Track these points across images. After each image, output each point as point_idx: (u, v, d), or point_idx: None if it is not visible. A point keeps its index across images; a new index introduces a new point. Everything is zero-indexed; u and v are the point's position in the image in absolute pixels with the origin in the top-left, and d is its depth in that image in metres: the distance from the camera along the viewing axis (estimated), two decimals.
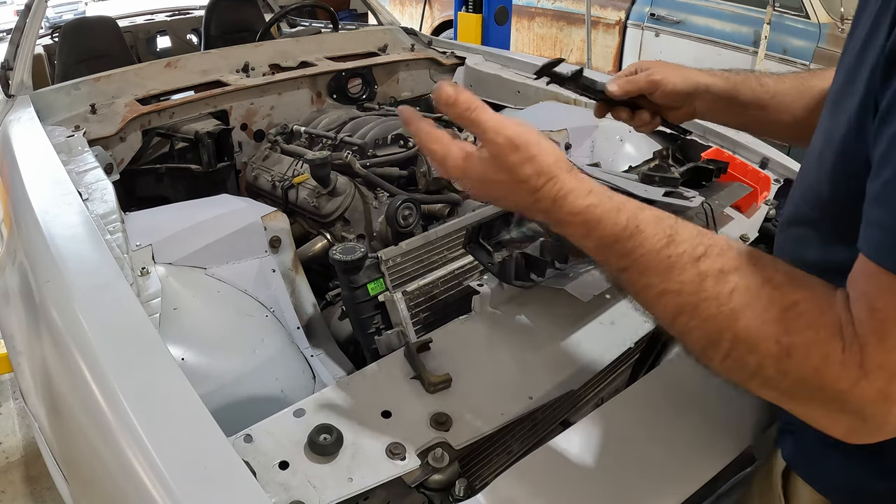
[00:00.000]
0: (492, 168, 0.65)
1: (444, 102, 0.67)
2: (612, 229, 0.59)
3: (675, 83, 0.95)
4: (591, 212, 0.60)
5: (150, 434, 0.80)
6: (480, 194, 0.70)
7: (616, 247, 0.59)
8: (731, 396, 1.05)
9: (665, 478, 0.91)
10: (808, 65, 3.85)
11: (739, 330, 0.52)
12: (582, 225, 0.61)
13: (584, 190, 0.62)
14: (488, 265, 1.15)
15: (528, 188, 0.63)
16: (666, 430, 0.98)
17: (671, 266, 0.55)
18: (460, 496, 0.87)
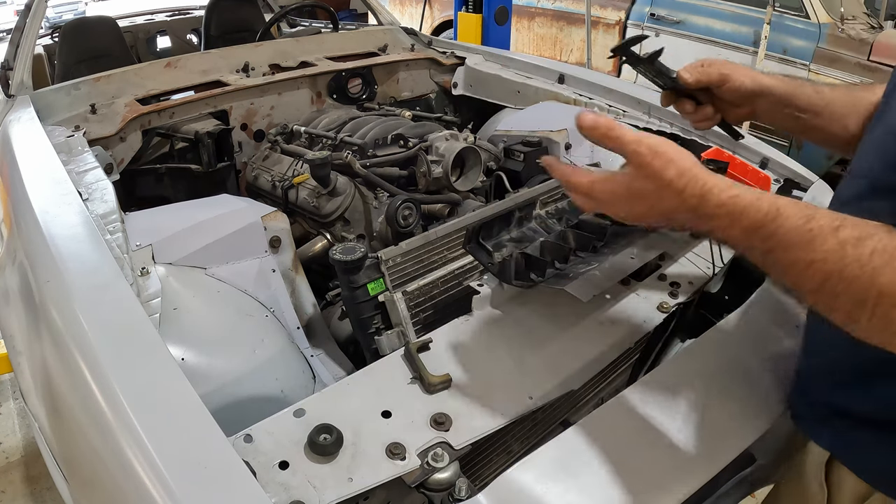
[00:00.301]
0: (637, 179, 0.71)
1: (587, 128, 0.73)
2: (755, 215, 0.65)
3: (743, 81, 0.97)
4: (736, 202, 0.66)
5: (150, 434, 0.80)
6: (627, 211, 0.74)
7: (761, 231, 0.64)
8: (732, 397, 1.06)
9: (665, 477, 0.92)
10: (808, 65, 3.85)
11: (882, 286, 0.57)
12: (727, 216, 0.66)
13: (726, 183, 0.68)
14: (488, 265, 1.15)
15: (674, 189, 0.68)
16: (666, 430, 0.98)
17: (813, 238, 0.61)
18: (461, 496, 0.87)
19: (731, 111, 1.04)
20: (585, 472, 0.90)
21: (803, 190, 1.63)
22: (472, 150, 1.86)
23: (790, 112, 0.99)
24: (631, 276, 1.28)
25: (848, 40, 3.72)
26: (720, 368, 1.10)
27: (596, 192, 0.75)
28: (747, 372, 1.11)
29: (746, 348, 1.15)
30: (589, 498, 0.87)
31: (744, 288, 1.33)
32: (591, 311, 1.20)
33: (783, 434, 1.17)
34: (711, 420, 1.01)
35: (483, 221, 1.20)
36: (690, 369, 1.09)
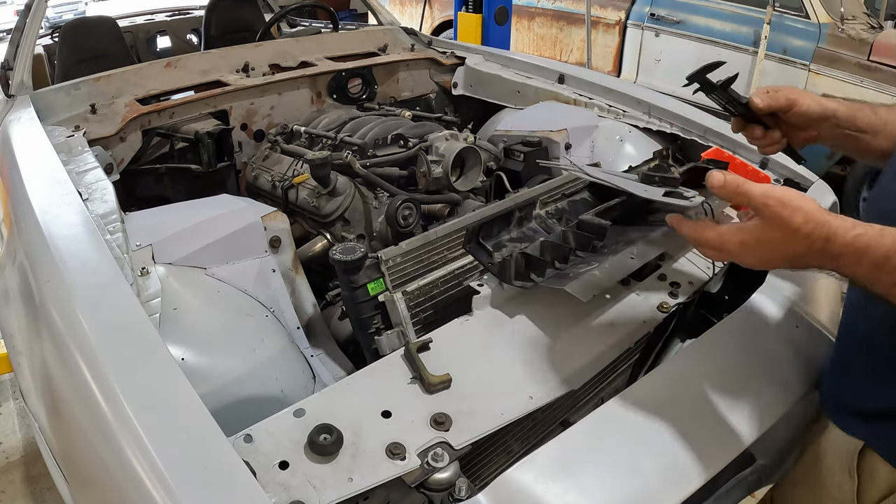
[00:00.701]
0: (766, 229, 0.76)
1: (716, 187, 0.80)
2: (880, 250, 0.70)
3: (810, 105, 1.02)
4: (860, 240, 0.71)
5: (150, 434, 0.80)
6: (757, 258, 0.80)
7: (888, 265, 0.70)
8: (732, 397, 1.06)
9: (665, 477, 0.92)
10: (808, 65, 3.85)
11: None
12: (854, 254, 0.72)
13: (849, 224, 0.73)
14: (488, 265, 1.15)
15: (801, 235, 0.74)
16: (665, 430, 0.98)
17: None
18: (461, 496, 0.87)
19: (796, 135, 1.07)
20: (585, 472, 0.90)
21: (803, 190, 1.63)
22: (472, 150, 1.86)
23: (851, 133, 1.02)
24: (631, 276, 1.28)
25: (848, 40, 3.72)
26: (720, 368, 1.10)
27: (726, 245, 0.80)
28: (747, 372, 1.11)
29: (746, 348, 1.15)
30: (589, 498, 0.87)
31: (744, 288, 1.33)
32: (591, 311, 1.20)
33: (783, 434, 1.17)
34: (711, 420, 1.01)
35: (483, 221, 1.20)
36: (690, 369, 1.09)
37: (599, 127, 2.04)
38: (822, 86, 3.80)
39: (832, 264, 0.74)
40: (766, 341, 1.18)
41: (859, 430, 0.93)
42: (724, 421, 1.01)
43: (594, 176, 1.17)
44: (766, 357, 1.14)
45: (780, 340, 1.18)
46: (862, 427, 0.92)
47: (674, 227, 0.88)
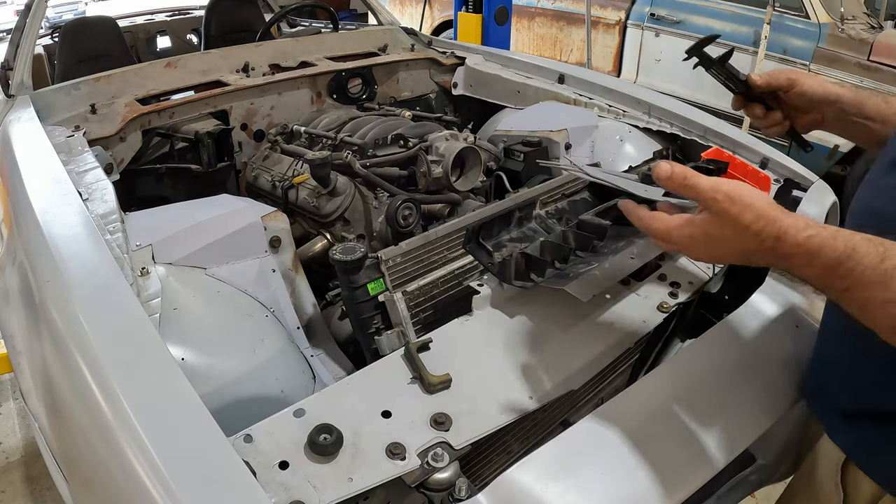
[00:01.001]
0: (716, 225, 0.73)
1: (663, 178, 0.78)
2: (832, 254, 0.66)
3: (812, 86, 1.01)
4: (812, 241, 0.68)
5: (150, 434, 0.80)
6: (706, 253, 0.77)
7: (838, 269, 0.66)
8: (732, 397, 1.06)
9: (665, 477, 0.91)
10: (808, 65, 3.85)
11: None
12: (805, 255, 0.69)
13: (802, 224, 0.70)
14: (488, 265, 1.15)
15: (751, 232, 0.71)
16: (665, 430, 0.98)
17: (889, 278, 0.63)
18: (461, 496, 0.87)
19: (799, 118, 1.06)
20: (585, 472, 0.90)
21: (803, 190, 1.63)
22: (472, 150, 1.86)
23: (859, 121, 0.99)
24: (631, 276, 1.28)
25: (848, 40, 3.72)
26: (720, 369, 1.10)
27: (674, 237, 0.78)
28: (747, 372, 1.11)
29: (746, 348, 1.15)
30: (589, 498, 0.87)
31: (744, 288, 1.33)
32: (591, 311, 1.20)
33: (783, 434, 1.17)
34: (711, 420, 1.01)
35: (483, 221, 1.20)
36: (690, 369, 1.09)
37: (599, 127, 2.04)
38: None
39: (783, 264, 0.72)
40: (766, 341, 1.18)
41: (841, 437, 0.90)
42: (724, 421, 1.01)
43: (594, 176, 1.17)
44: (766, 357, 1.14)
45: (780, 341, 1.18)
46: (843, 433, 0.89)
47: (625, 213, 0.85)
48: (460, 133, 1.98)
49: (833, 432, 0.92)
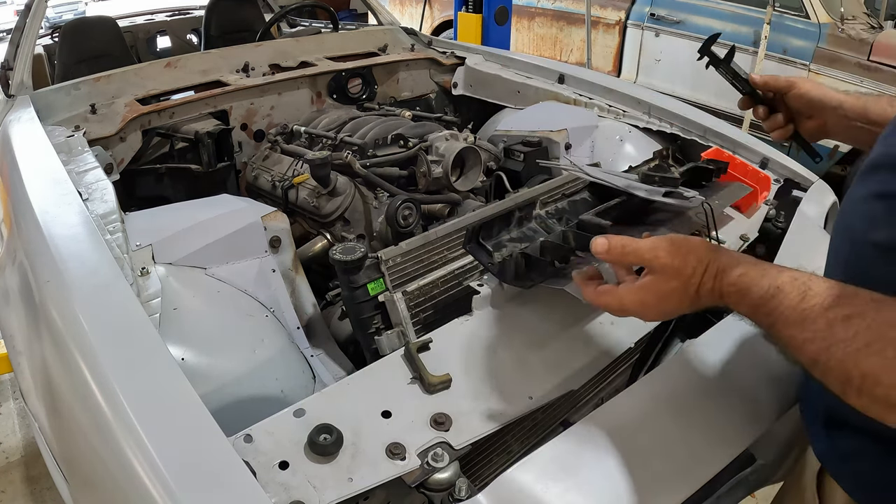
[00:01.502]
0: (663, 280, 0.77)
1: (601, 253, 0.82)
2: (758, 293, 0.69)
3: (809, 89, 1.03)
4: (742, 280, 0.71)
5: (150, 434, 0.80)
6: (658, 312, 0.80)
7: (762, 308, 0.68)
8: (731, 397, 1.06)
9: (665, 477, 0.91)
10: (808, 65, 3.85)
11: (865, 367, 0.59)
12: (737, 293, 0.71)
13: (734, 262, 0.73)
14: (488, 265, 1.15)
15: (697, 276, 0.74)
16: (666, 430, 0.98)
17: (805, 318, 0.64)
18: (461, 496, 0.87)
19: (802, 122, 1.09)
20: (585, 472, 0.90)
21: (803, 190, 1.63)
22: (472, 150, 1.86)
23: (864, 126, 0.99)
24: None
25: (848, 40, 3.72)
26: (720, 368, 1.10)
27: (627, 306, 0.81)
28: (747, 372, 1.11)
29: (746, 348, 1.15)
30: (589, 498, 0.87)
31: None
32: (591, 311, 1.20)
33: (783, 434, 1.17)
34: (711, 420, 1.01)
35: (483, 221, 1.19)
36: (690, 369, 1.09)
37: (599, 127, 2.04)
38: None
39: (722, 301, 0.74)
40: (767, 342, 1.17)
41: (818, 445, 0.89)
42: (724, 421, 1.01)
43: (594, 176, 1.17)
44: (767, 357, 1.14)
45: None
46: (821, 441, 0.89)
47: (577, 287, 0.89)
48: (460, 133, 1.98)
49: (814, 439, 0.91)
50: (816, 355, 0.63)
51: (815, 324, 0.63)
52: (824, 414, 0.87)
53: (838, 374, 0.62)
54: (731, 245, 1.43)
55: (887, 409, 0.60)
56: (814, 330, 0.63)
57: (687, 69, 4.40)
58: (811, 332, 0.63)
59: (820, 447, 0.88)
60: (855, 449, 0.81)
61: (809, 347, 0.63)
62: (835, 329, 0.62)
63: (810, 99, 1.03)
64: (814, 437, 0.91)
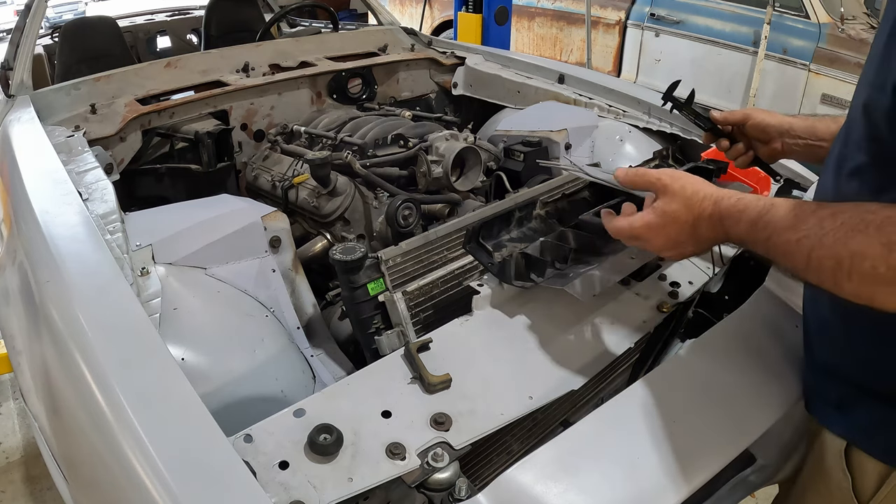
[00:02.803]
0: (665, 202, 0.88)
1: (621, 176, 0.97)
2: (755, 209, 0.79)
3: (763, 118, 1.17)
4: (740, 203, 0.81)
5: (150, 434, 0.80)
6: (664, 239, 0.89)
7: (759, 222, 0.78)
8: (732, 397, 1.06)
9: (665, 477, 0.91)
10: (808, 65, 3.85)
11: (852, 246, 0.67)
12: (736, 213, 0.81)
13: (731, 193, 0.84)
14: (488, 265, 1.15)
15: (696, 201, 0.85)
16: (665, 430, 0.98)
17: (797, 220, 0.73)
18: (461, 496, 0.87)
19: (760, 147, 1.21)
20: (585, 472, 0.90)
21: (803, 190, 1.63)
22: (472, 150, 1.86)
23: (813, 143, 1.12)
24: (631, 276, 1.28)
25: (848, 40, 3.72)
26: (720, 368, 1.10)
27: (636, 230, 0.91)
28: (747, 372, 1.11)
29: (746, 348, 1.15)
30: (589, 498, 0.87)
31: (744, 288, 1.33)
32: (591, 311, 1.20)
33: (783, 434, 1.17)
34: (711, 420, 1.01)
35: (483, 221, 1.20)
36: (690, 369, 1.09)
37: (599, 127, 2.04)
38: (821, 86, 3.80)
39: (720, 227, 0.83)
40: (766, 341, 1.18)
41: (837, 427, 0.94)
42: (724, 421, 1.01)
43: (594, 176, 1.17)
44: (766, 357, 1.14)
45: (779, 341, 1.18)
46: (839, 422, 0.94)
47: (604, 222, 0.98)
48: (460, 133, 1.98)
49: (831, 425, 0.95)
50: (810, 250, 0.71)
51: (807, 223, 0.72)
52: (836, 395, 0.92)
53: (830, 261, 0.69)
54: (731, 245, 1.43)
55: (875, 285, 0.66)
56: (806, 228, 0.72)
57: (687, 69, 4.40)
58: (804, 231, 0.72)
59: (842, 429, 0.93)
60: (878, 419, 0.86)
61: (804, 244, 0.71)
62: (824, 223, 0.70)
63: (765, 126, 1.16)
64: (830, 423, 0.95)
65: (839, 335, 0.90)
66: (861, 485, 0.92)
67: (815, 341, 0.98)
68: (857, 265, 0.66)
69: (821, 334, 0.96)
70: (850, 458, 0.92)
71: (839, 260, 0.68)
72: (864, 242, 0.66)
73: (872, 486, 0.90)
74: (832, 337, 0.92)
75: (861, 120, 0.77)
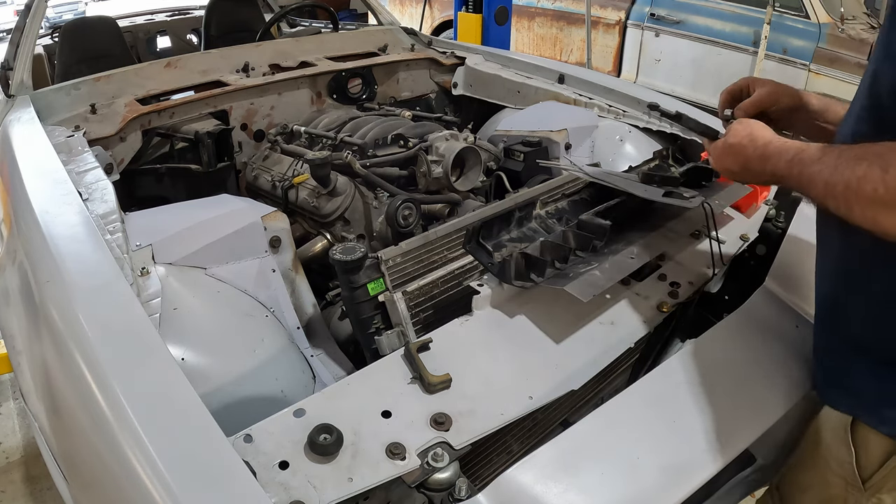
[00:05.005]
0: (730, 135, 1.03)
1: None
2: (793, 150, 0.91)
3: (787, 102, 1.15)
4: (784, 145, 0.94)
5: (150, 434, 0.80)
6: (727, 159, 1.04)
7: (797, 157, 0.89)
8: (731, 397, 1.06)
9: (665, 477, 0.92)
10: (808, 65, 3.85)
11: (858, 171, 0.77)
12: (778, 153, 0.93)
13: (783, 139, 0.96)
14: (488, 265, 1.15)
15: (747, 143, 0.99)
16: (665, 430, 0.98)
17: (823, 155, 0.85)
18: (461, 496, 0.87)
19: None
20: (585, 472, 0.90)
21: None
22: (472, 150, 1.86)
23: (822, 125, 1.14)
24: (631, 276, 1.28)
25: (848, 40, 3.72)
26: (720, 368, 1.10)
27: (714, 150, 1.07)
28: (747, 372, 1.11)
29: (746, 348, 1.16)
30: (588, 498, 0.87)
31: (744, 288, 1.33)
32: (591, 311, 1.20)
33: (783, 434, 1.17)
34: (711, 420, 1.01)
35: (483, 221, 1.20)
36: (690, 369, 1.09)
37: (599, 127, 2.04)
38: (822, 86, 3.80)
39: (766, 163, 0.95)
40: (766, 341, 1.18)
41: (844, 404, 0.97)
42: (724, 421, 1.01)
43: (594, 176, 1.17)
44: (766, 357, 1.14)
45: (779, 340, 1.18)
46: (846, 399, 0.96)
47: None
48: (460, 133, 1.98)
49: (835, 402, 0.98)
50: (829, 176, 0.81)
51: (830, 157, 0.83)
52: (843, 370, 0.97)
53: (841, 186, 0.79)
54: (731, 245, 1.43)
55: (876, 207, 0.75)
56: (827, 161, 0.83)
57: (687, 69, 4.40)
58: (826, 164, 0.83)
59: (848, 404, 0.96)
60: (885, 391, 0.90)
61: (824, 173, 0.82)
62: (843, 156, 0.81)
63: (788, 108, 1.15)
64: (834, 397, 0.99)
65: (845, 304, 0.95)
66: (864, 459, 0.93)
67: (824, 317, 1.01)
68: (862, 187, 0.76)
69: (829, 308, 0.99)
70: (853, 434, 0.94)
71: (847, 184, 0.78)
72: (866, 167, 0.76)
73: (876, 461, 0.92)
74: (838, 305, 0.97)
75: (866, 92, 0.86)
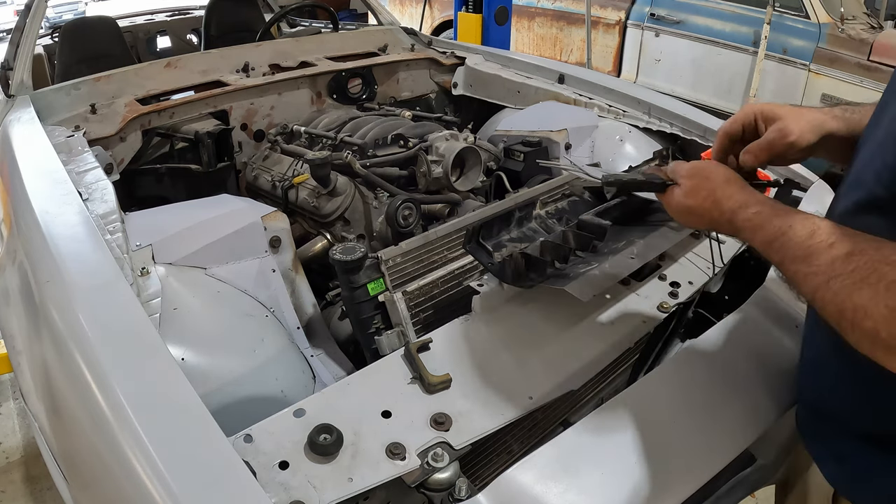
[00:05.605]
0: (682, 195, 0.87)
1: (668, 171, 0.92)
2: (770, 230, 0.75)
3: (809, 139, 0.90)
4: (757, 218, 0.77)
5: (150, 434, 0.80)
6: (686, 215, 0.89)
7: (774, 244, 0.74)
8: (731, 397, 1.06)
9: (665, 477, 0.92)
10: (808, 65, 3.85)
11: (857, 300, 0.63)
12: (751, 229, 0.78)
13: (754, 200, 0.79)
14: (488, 265, 1.15)
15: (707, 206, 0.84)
16: (665, 430, 0.98)
17: (811, 253, 0.69)
18: (461, 496, 0.87)
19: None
20: (585, 472, 0.90)
21: (803, 190, 1.63)
22: (472, 150, 1.86)
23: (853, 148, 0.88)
24: (631, 276, 1.28)
25: (848, 40, 3.72)
26: (720, 368, 1.10)
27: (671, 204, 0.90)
28: (747, 372, 1.11)
29: (746, 348, 1.15)
30: (589, 498, 0.87)
31: (744, 288, 1.33)
32: (591, 311, 1.20)
33: (783, 434, 1.17)
34: (711, 420, 1.01)
35: (483, 221, 1.20)
36: (690, 369, 1.09)
37: (599, 127, 2.04)
38: (821, 86, 3.80)
39: (736, 234, 0.81)
40: (766, 341, 1.18)
41: (827, 469, 0.90)
42: (724, 421, 1.01)
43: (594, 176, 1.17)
44: (766, 357, 1.14)
45: (779, 341, 1.18)
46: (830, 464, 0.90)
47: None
48: (460, 133, 1.98)
49: (822, 463, 0.92)
50: (816, 289, 0.67)
51: (819, 259, 0.67)
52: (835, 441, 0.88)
53: (835, 307, 0.65)
54: (731, 245, 1.43)
55: (875, 345, 0.62)
56: (817, 265, 0.67)
57: (687, 69, 4.40)
58: (815, 267, 0.67)
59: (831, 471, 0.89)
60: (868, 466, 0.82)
61: (812, 281, 0.68)
62: (835, 264, 0.65)
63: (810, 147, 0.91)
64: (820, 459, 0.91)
65: (833, 373, 0.86)
66: None
67: (809, 375, 0.94)
68: (860, 321, 0.62)
69: (815, 371, 0.91)
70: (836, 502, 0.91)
71: (842, 310, 0.64)
72: (869, 299, 0.61)
73: None
74: (826, 374, 0.88)
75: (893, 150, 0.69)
